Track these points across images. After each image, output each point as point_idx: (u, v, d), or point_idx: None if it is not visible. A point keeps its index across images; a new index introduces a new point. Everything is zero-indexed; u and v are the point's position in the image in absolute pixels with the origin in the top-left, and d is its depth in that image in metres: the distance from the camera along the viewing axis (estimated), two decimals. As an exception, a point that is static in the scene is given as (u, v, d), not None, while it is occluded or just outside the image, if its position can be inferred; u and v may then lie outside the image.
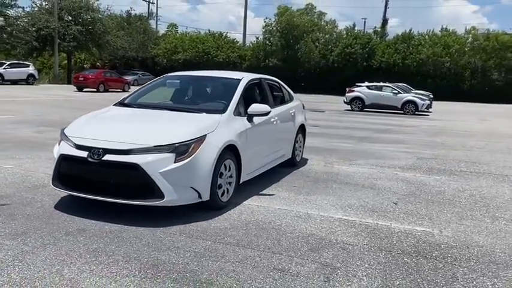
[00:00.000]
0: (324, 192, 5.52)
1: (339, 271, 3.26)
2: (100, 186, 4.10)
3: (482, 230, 4.33)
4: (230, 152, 4.66)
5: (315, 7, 47.68)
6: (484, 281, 3.21)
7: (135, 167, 3.92)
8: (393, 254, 3.64)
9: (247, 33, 51.90)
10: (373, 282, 3.12)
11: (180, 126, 4.45)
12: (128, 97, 5.58)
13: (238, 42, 50.30)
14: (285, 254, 3.53)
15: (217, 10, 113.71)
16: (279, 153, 6.24)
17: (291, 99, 7.02)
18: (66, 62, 40.91)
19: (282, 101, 6.69)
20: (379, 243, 3.85)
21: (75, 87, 28.97)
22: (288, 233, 4.00)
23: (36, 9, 37.00)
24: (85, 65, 47.63)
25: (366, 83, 24.27)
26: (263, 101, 5.86)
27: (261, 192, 5.31)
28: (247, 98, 5.56)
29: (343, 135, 11.73)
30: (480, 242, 3.99)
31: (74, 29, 35.61)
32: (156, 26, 54.36)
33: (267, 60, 45.15)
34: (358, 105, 22.77)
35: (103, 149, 4.03)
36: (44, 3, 37.35)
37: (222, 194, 4.57)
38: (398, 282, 3.13)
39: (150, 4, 56.87)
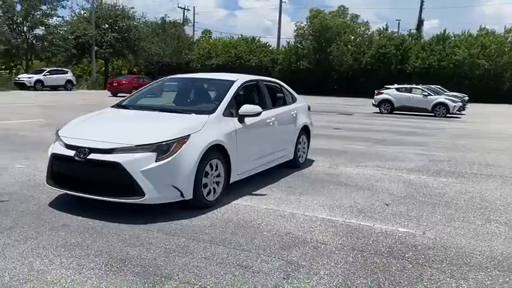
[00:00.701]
0: (318, 193, 5.51)
1: (301, 269, 3.28)
2: (86, 184, 4.28)
3: (468, 232, 4.21)
4: (217, 151, 4.75)
5: (348, 9, 47.27)
6: (449, 282, 3.14)
7: (116, 165, 4.08)
8: (364, 254, 3.61)
9: (282, 37, 52.13)
10: (333, 280, 3.11)
11: (165, 126, 4.58)
12: (126, 99, 5.78)
13: (270, 46, 50.51)
14: (254, 251, 3.58)
15: (254, 15, 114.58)
16: (278, 154, 6.28)
17: (293, 100, 7.04)
18: (104, 68, 42.39)
19: (282, 102, 6.72)
20: (353, 243, 3.83)
21: (110, 93, 29.96)
22: (264, 232, 4.03)
23: (75, 18, 38.53)
24: (122, 71, 49.15)
25: (395, 85, 23.82)
26: (259, 102, 5.92)
27: (254, 192, 5.37)
28: (242, 99, 5.65)
29: (362, 137, 11.59)
30: (461, 244, 3.88)
31: (110, 36, 36.87)
32: (193, 32, 55.39)
33: (298, 63, 45.08)
34: (387, 107, 22.36)
35: (88, 148, 4.22)
36: (82, 12, 38.90)
37: (208, 193, 4.65)
38: (359, 281, 3.11)
39: (186, 11, 58.13)
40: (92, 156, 4.17)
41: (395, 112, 21.95)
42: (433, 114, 21.18)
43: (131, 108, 5.39)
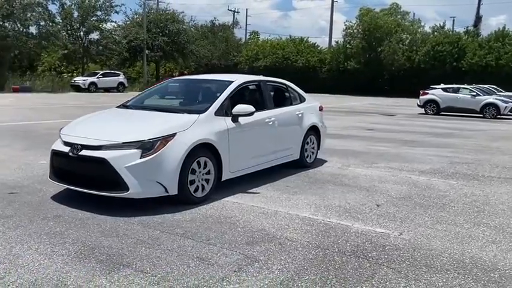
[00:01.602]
0: (313, 192, 5.54)
1: (256, 263, 3.37)
2: (79, 179, 4.61)
3: (448, 235, 4.10)
4: (206, 150, 4.92)
5: (400, 7, 45.94)
6: (399, 282, 3.12)
7: (103, 161, 4.36)
8: (327, 252, 3.64)
9: (337, 37, 51.38)
10: (281, 275, 3.19)
11: (153, 125, 4.81)
12: (132, 99, 6.11)
13: (319, 46, 50.15)
14: (219, 245, 3.71)
15: (308, 15, 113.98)
16: (281, 154, 6.35)
17: (301, 101, 7.08)
18: (156, 71, 44.00)
19: (287, 102, 6.79)
20: (321, 241, 3.86)
21: (157, 94, 31.03)
22: (239, 228, 4.16)
23: (128, 22, 40.30)
24: (174, 74, 50.72)
25: (442, 85, 22.92)
26: (259, 102, 6.04)
27: (248, 190, 5.49)
28: (241, 99, 5.78)
29: (391, 138, 11.34)
30: (433, 246, 3.81)
31: (160, 40, 38.23)
32: (246, 35, 56.05)
33: (346, 63, 44.42)
34: (432, 108, 21.58)
35: (81, 145, 4.54)
36: (135, 17, 40.57)
37: (196, 190, 4.84)
38: (307, 277, 3.16)
39: (237, 13, 59.00)
40: (83, 152, 4.49)
41: (442, 113, 21.14)
42: (481, 115, 20.19)
43: (133, 108, 5.69)
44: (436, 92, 21.95)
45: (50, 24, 31.91)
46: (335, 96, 38.65)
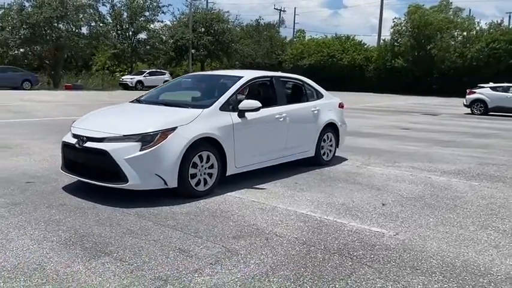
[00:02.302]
0: (320, 190, 5.44)
1: (235, 257, 3.36)
2: (84, 169, 4.79)
3: (448, 237, 3.90)
4: (209, 144, 4.95)
5: (451, 3, 44.03)
6: (376, 282, 3.00)
7: (104, 153, 4.50)
8: (312, 248, 3.56)
9: (387, 35, 49.91)
10: (257, 269, 3.15)
11: (155, 118, 4.90)
12: (145, 94, 6.25)
13: (365, 44, 49.11)
14: (204, 238, 3.73)
15: (359, 13, 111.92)
16: (294, 150, 6.28)
17: (317, 97, 6.97)
18: (201, 70, 44.76)
19: (301, 99, 6.70)
20: (309, 238, 3.79)
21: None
22: (230, 222, 4.15)
23: (175, 22, 41.28)
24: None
25: (491, 84, 21.76)
26: (269, 97, 6.01)
27: (255, 186, 5.48)
28: (250, 94, 5.78)
29: (425, 138, 10.92)
30: (427, 248, 3.63)
31: (205, 39, 38.84)
32: (293, 33, 55.80)
33: (393, 61, 43.17)
34: (480, 108, 20.55)
35: (86, 137, 4.71)
36: (181, 17, 41.51)
37: (198, 184, 4.88)
38: (281, 273, 3.11)
39: (288, 13, 58.87)
40: (88, 144, 4.66)
41: (490, 113, 20.08)
42: (534, 115, 19.02)
43: (143, 103, 5.81)
44: (484, 91, 20.88)
45: (100, 24, 33.28)
46: (380, 95, 37.74)
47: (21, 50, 31.99)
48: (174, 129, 4.67)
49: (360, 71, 46.28)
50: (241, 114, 5.34)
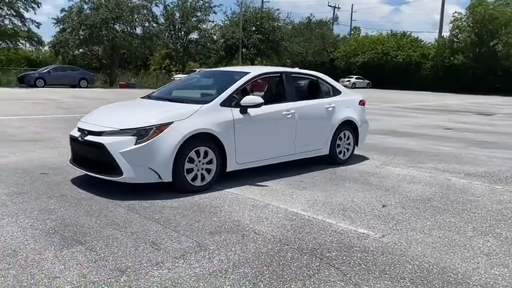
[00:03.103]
0: (323, 189, 5.29)
1: (203, 252, 3.33)
2: (86, 162, 4.96)
3: (438, 242, 3.65)
4: (207, 139, 4.95)
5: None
6: (335, 284, 2.86)
7: (101, 146, 4.63)
8: (285, 247, 3.47)
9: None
10: (218, 266, 3.11)
11: (153, 113, 4.96)
12: (156, 90, 6.37)
13: (422, 41, 47.21)
14: (181, 233, 3.73)
15: (422, 9, 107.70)
16: (303, 148, 6.14)
17: (334, 94, 6.76)
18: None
19: (316, 95, 6.54)
20: (287, 236, 3.69)
21: (248, 90, 31.79)
22: (214, 218, 4.13)
23: (227, 22, 41.85)
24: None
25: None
26: (278, 94, 5.92)
27: (257, 183, 5.42)
28: (257, 90, 5.71)
29: (464, 138, 10.33)
30: (408, 253, 3.42)
31: (255, 38, 39.02)
32: (350, 30, 54.69)
33: (452, 58, 41.16)
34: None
35: (87, 130, 4.87)
36: (233, 16, 41.97)
37: (194, 179, 4.90)
38: (241, 270, 3.05)
39: (345, 10, 57.92)
40: (88, 137, 4.82)
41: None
42: None
43: (152, 99, 5.91)
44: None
45: (153, 25, 34.42)
46: (436, 94, 36.17)
47: (81, 50, 33.71)
48: (169, 124, 4.71)
49: (415, 69, 44.64)
50: (244, 110, 5.30)
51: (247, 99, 5.26)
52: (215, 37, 39.98)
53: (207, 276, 2.96)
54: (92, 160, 4.89)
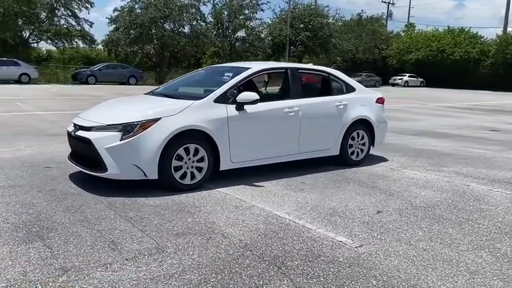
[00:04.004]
0: (321, 191, 4.98)
1: (157, 255, 3.18)
2: (79, 157, 4.96)
3: (419, 256, 3.27)
4: (198, 136, 4.80)
5: None
6: (279, 299, 2.61)
7: (88, 141, 4.60)
8: (247, 253, 3.24)
9: None
10: (166, 270, 2.95)
11: (142, 109, 4.86)
12: (160, 86, 6.30)
13: (482, 37, 44.55)
14: (147, 232, 3.60)
15: (488, 4, 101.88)
16: (308, 147, 5.82)
17: (347, 91, 6.38)
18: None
19: (326, 92, 6.20)
20: (255, 241, 3.45)
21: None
22: (190, 218, 3.96)
23: (275, 20, 41.56)
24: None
25: None
26: (283, 90, 5.67)
27: (254, 183, 5.20)
28: (252, 87, 5.52)
29: (506, 141, 9.53)
30: (380, 266, 3.08)
31: (302, 35, 38.49)
32: (407, 26, 52.58)
33: (515, 55, 38.52)
34: None
35: (79, 125, 4.87)
36: (281, 14, 41.67)
37: (183, 177, 4.77)
38: (188, 277, 2.87)
39: (404, 6, 56.01)
40: (78, 132, 4.81)
41: None
42: None
43: (154, 95, 5.82)
44: None
45: (201, 23, 34.86)
46: (495, 93, 34.05)
47: (132, 48, 34.73)
48: (156, 120, 4.60)
49: (474, 66, 42.22)
50: (240, 107, 5.09)
51: (243, 96, 5.04)
52: (262, 35, 39.82)
53: (148, 281, 2.80)
54: (83, 155, 4.89)
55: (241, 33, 37.55)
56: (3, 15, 28.00)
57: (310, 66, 6.49)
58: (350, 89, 6.44)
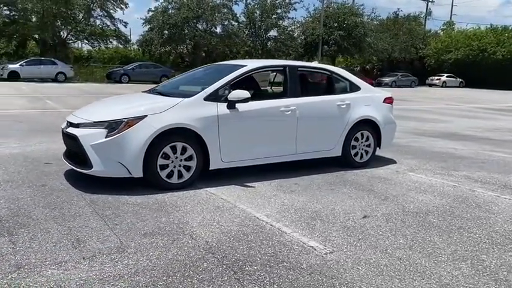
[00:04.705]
0: (311, 194, 4.80)
1: (116, 254, 3.11)
2: (69, 153, 4.99)
3: (390, 265, 3.06)
4: (185, 135, 4.72)
5: None
6: (221, 306, 2.48)
7: (75, 138, 4.62)
8: (208, 256, 3.12)
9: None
10: (117, 271, 2.87)
11: (130, 106, 4.83)
12: (160, 85, 6.27)
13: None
14: (116, 231, 3.55)
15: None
16: (306, 148, 5.62)
17: (351, 90, 6.14)
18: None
19: (327, 91, 5.99)
20: (222, 244, 3.33)
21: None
22: (164, 218, 3.88)
23: (309, 19, 41.11)
24: (355, 68, 49.63)
25: None
26: (279, 89, 5.51)
27: (246, 183, 5.08)
28: (253, 85, 5.39)
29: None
30: (344, 275, 2.89)
31: (336, 34, 37.90)
32: (447, 24, 50.91)
33: None
34: None
35: (70, 122, 4.89)
36: (314, 13, 41.18)
37: (170, 176, 4.70)
38: (137, 279, 2.78)
39: (442, 4, 54.30)
40: (68, 129, 4.84)
41: None
42: None
43: (151, 93, 5.77)
44: None
45: (233, 23, 35.00)
46: (538, 95, 32.31)
47: (166, 48, 35.28)
48: (142, 117, 4.56)
49: (512, 66, 40.26)
50: (231, 105, 4.98)
51: (234, 94, 4.93)
52: (295, 34, 39.52)
53: (96, 281, 2.73)
54: (71, 152, 4.91)
55: (273, 33, 37.39)
56: (43, 16, 29.10)
57: (312, 64, 6.28)
58: (354, 88, 6.19)
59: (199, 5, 32.46)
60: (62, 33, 33.27)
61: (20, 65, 25.60)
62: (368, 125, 6.15)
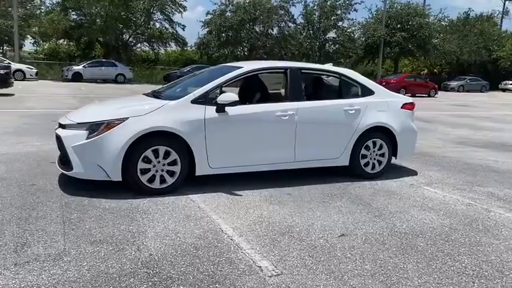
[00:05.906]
0: (298, 205, 4.45)
1: (50, 262, 3.00)
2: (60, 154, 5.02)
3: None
4: (169, 138, 4.56)
5: None
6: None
7: (60, 138, 4.61)
8: (143, 270, 2.92)
9: None
10: (41, 281, 2.75)
11: (113, 108, 4.75)
12: (164, 86, 6.15)
13: None
14: (68, 237, 3.44)
15: None
16: (309, 156, 5.25)
17: (363, 94, 5.65)
18: (393, 68, 42.13)
19: (334, 95, 5.56)
20: (166, 258, 3.11)
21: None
22: (123, 225, 3.72)
23: (371, 20, 39.70)
24: (421, 72, 47.21)
25: None
26: (278, 92, 5.20)
27: (234, 191, 4.83)
28: (250, 88, 5.12)
29: None
30: (274, 303, 2.55)
31: (398, 36, 36.29)
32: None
33: None
34: None
35: (59, 123, 4.91)
36: (376, 14, 39.66)
37: (152, 181, 4.56)
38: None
39: (508, 1, 50.56)
40: (57, 130, 4.85)
41: None
42: None
43: (149, 95, 5.64)
44: None
45: (289, 25, 34.64)
46: None
47: (223, 51, 35.61)
48: (123, 120, 4.45)
49: None
50: (220, 108, 4.74)
51: (223, 97, 4.69)
52: (356, 36, 38.34)
53: (12, 290, 2.61)
54: (61, 153, 4.92)
55: (331, 34, 36.53)
56: (106, 20, 30.57)
57: (318, 65, 5.87)
58: (367, 92, 5.71)
59: (256, 7, 32.46)
60: (124, 36, 34.76)
61: (83, 67, 27.03)
62: (381, 132, 5.64)
